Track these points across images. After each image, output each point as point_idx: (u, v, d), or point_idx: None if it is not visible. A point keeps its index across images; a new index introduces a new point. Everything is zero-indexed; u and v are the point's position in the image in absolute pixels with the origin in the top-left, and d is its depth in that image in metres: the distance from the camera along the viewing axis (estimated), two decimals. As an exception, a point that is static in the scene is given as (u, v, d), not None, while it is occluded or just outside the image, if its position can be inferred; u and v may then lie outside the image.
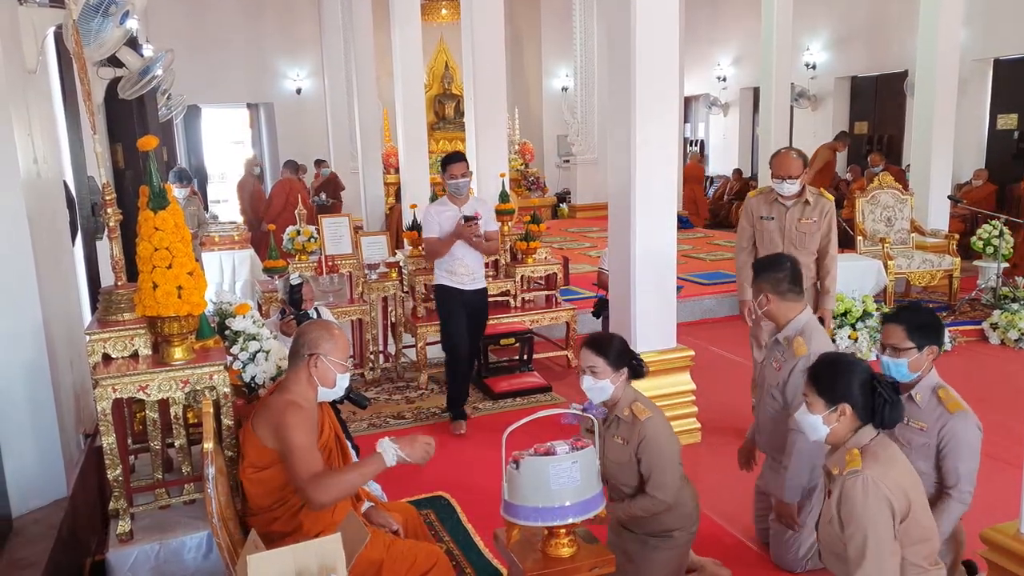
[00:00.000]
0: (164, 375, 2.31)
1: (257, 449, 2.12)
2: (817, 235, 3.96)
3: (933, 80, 7.17)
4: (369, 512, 2.34)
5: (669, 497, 2.50)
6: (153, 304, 2.22)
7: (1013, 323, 5.78)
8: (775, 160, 3.99)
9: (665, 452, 2.51)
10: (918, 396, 2.44)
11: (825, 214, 3.96)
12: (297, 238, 5.31)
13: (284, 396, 2.18)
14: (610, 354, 2.55)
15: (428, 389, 5.20)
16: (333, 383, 2.26)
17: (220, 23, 13.28)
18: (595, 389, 2.53)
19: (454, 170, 4.33)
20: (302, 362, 2.22)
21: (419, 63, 8.07)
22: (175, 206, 2.27)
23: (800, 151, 4.05)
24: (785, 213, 3.97)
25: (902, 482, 1.99)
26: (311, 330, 2.27)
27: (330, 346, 2.23)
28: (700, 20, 13.98)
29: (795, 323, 2.86)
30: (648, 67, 3.89)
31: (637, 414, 2.53)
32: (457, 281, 4.44)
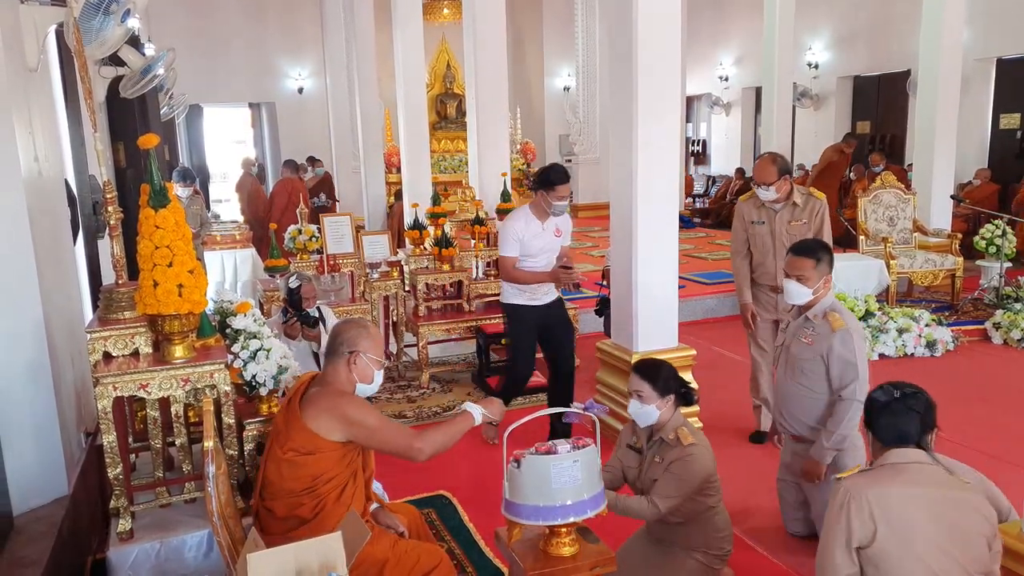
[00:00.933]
0: (165, 373, 2.31)
1: (307, 435, 2.16)
2: (809, 236, 3.86)
3: (936, 79, 7.15)
4: (376, 513, 2.35)
5: (665, 509, 2.51)
6: (154, 302, 2.22)
7: (1016, 323, 5.77)
8: (755, 166, 4.01)
9: (686, 478, 2.51)
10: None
11: (816, 213, 3.91)
12: (299, 237, 5.31)
13: (332, 388, 2.25)
14: (658, 380, 2.56)
15: (430, 388, 5.20)
16: (371, 379, 2.32)
17: (222, 23, 13.30)
18: (641, 414, 2.57)
19: (563, 191, 3.88)
20: (342, 360, 2.27)
21: (421, 63, 8.08)
22: (176, 204, 2.27)
23: (781, 157, 3.98)
24: (775, 217, 3.94)
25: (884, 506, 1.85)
26: (349, 328, 2.32)
27: (368, 343, 2.29)
28: (702, 20, 13.98)
29: (823, 302, 3.00)
30: (650, 65, 3.88)
31: (682, 439, 2.56)
32: (531, 299, 4.07)
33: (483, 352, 5.28)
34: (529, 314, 4.07)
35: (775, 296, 4.01)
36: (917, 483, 1.90)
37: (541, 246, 3.99)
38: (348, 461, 2.24)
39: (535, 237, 3.95)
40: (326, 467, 2.18)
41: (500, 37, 6.95)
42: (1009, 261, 6.62)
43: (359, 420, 2.17)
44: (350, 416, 2.17)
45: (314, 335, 4.07)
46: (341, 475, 2.20)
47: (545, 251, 4.01)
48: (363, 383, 2.30)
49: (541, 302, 4.09)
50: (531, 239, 3.94)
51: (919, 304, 6.46)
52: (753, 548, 3.14)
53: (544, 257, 4.02)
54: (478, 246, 5.72)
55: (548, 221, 3.98)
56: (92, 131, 2.43)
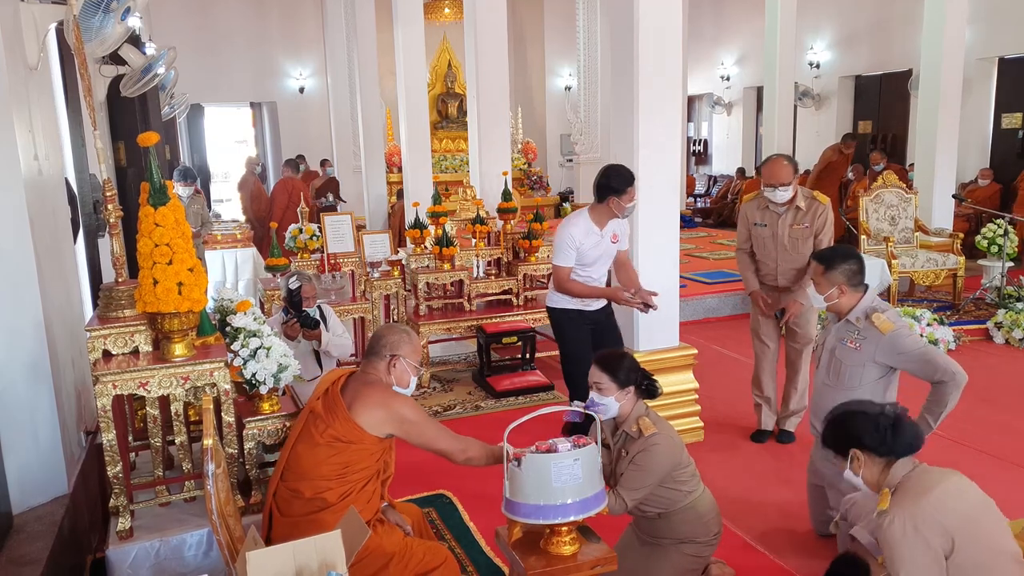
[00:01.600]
0: (164, 372, 2.30)
1: (351, 426, 2.24)
2: (811, 240, 3.88)
3: (937, 79, 7.14)
4: (385, 511, 2.40)
5: (630, 503, 2.48)
6: (153, 300, 2.21)
7: (1018, 322, 5.76)
8: (765, 168, 3.93)
9: (651, 468, 2.48)
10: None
11: (819, 215, 3.88)
12: (299, 236, 5.30)
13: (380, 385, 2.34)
14: (618, 372, 2.53)
15: (430, 388, 5.19)
16: (407, 384, 2.40)
17: (223, 22, 13.30)
18: (600, 406, 2.53)
19: (633, 193, 3.62)
20: (383, 361, 2.37)
21: (421, 62, 8.07)
22: (176, 202, 2.27)
23: (790, 157, 3.97)
24: (777, 220, 3.92)
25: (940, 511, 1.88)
26: (392, 333, 2.42)
27: (409, 349, 2.40)
28: (704, 19, 13.97)
29: (864, 302, 2.98)
30: (651, 64, 3.88)
31: (643, 429, 2.52)
32: (583, 303, 3.83)
33: (484, 351, 5.28)
34: (579, 319, 3.83)
35: (776, 295, 4.02)
36: (938, 480, 1.97)
37: (599, 254, 3.75)
38: (379, 456, 2.34)
39: (594, 246, 3.70)
40: (360, 458, 2.27)
41: (501, 36, 6.95)
42: (1011, 261, 6.61)
43: (413, 419, 2.30)
44: (404, 414, 2.29)
45: (315, 335, 4.04)
46: (370, 468, 2.30)
47: (603, 259, 3.79)
48: (400, 387, 2.39)
49: (591, 307, 3.85)
50: (590, 248, 3.69)
51: (920, 303, 6.45)
52: (754, 547, 3.13)
53: (601, 265, 3.79)
54: (479, 245, 5.72)
55: (607, 227, 3.72)
56: (92, 129, 2.42)
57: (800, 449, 4.01)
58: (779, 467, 3.86)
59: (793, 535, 3.22)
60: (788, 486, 3.64)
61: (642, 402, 2.61)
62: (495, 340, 5.31)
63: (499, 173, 6.56)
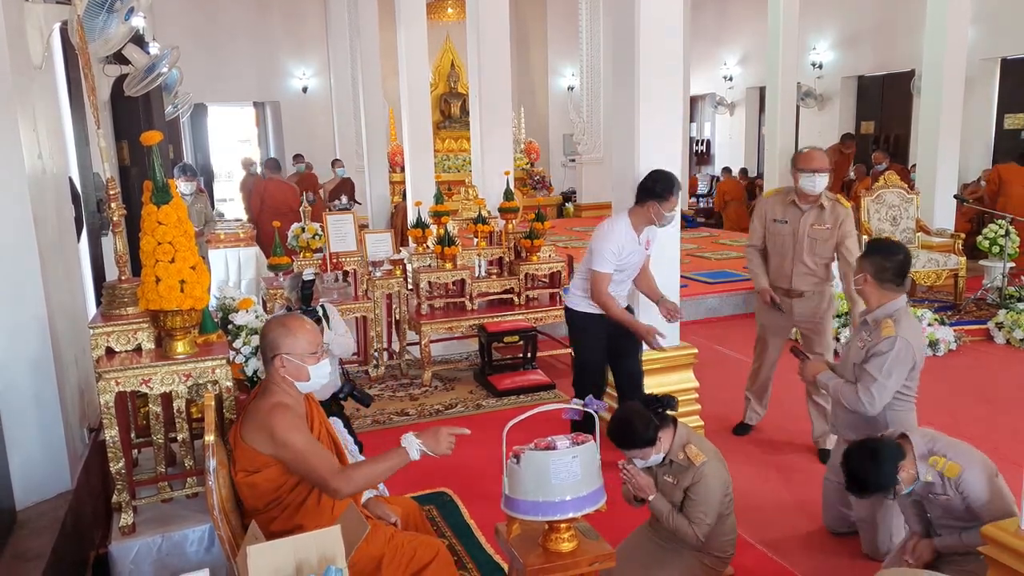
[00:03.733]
0: (167, 369, 2.32)
1: (247, 453, 2.08)
2: (830, 243, 3.75)
3: (940, 79, 7.13)
4: (368, 503, 2.34)
5: (702, 535, 2.53)
6: (156, 298, 2.23)
7: (1019, 323, 5.75)
8: (801, 157, 3.75)
9: (712, 497, 2.53)
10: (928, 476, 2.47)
11: (840, 222, 3.73)
12: (302, 235, 5.32)
13: (268, 399, 2.15)
14: (636, 442, 2.55)
15: (432, 387, 5.21)
16: (307, 377, 2.19)
17: (227, 21, 13.33)
18: (651, 462, 2.58)
19: (675, 201, 3.58)
20: (270, 365, 2.18)
21: (424, 62, 8.09)
22: (178, 200, 2.29)
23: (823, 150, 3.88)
24: (799, 217, 3.77)
25: None
26: (269, 331, 2.20)
27: (290, 342, 2.16)
28: (706, 19, 13.97)
29: (888, 307, 2.89)
30: (652, 63, 3.88)
31: (692, 458, 2.54)
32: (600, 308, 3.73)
33: (485, 350, 5.29)
34: (598, 326, 3.74)
35: (790, 301, 3.89)
36: None
37: (635, 262, 3.71)
38: None
39: (632, 253, 3.65)
40: (282, 479, 2.09)
41: (503, 35, 6.96)
42: (1012, 261, 6.61)
43: (285, 440, 2.04)
44: (277, 435, 2.05)
45: None
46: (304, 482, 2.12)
47: (635, 267, 3.75)
48: (299, 382, 2.19)
49: None
50: (628, 255, 3.64)
51: (922, 304, 6.45)
52: (753, 546, 3.14)
53: (631, 272, 3.74)
54: (481, 245, 5.73)
55: (643, 233, 3.66)
56: (96, 128, 2.44)
57: (804, 451, 4.02)
58: (780, 467, 3.87)
59: (798, 536, 3.23)
60: (790, 486, 3.64)
61: (681, 426, 2.63)
62: (496, 339, 5.33)
63: (501, 172, 6.57)
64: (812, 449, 3.99)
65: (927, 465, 2.44)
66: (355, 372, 5.37)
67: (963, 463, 2.42)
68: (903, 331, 2.81)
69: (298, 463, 2.05)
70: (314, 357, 2.20)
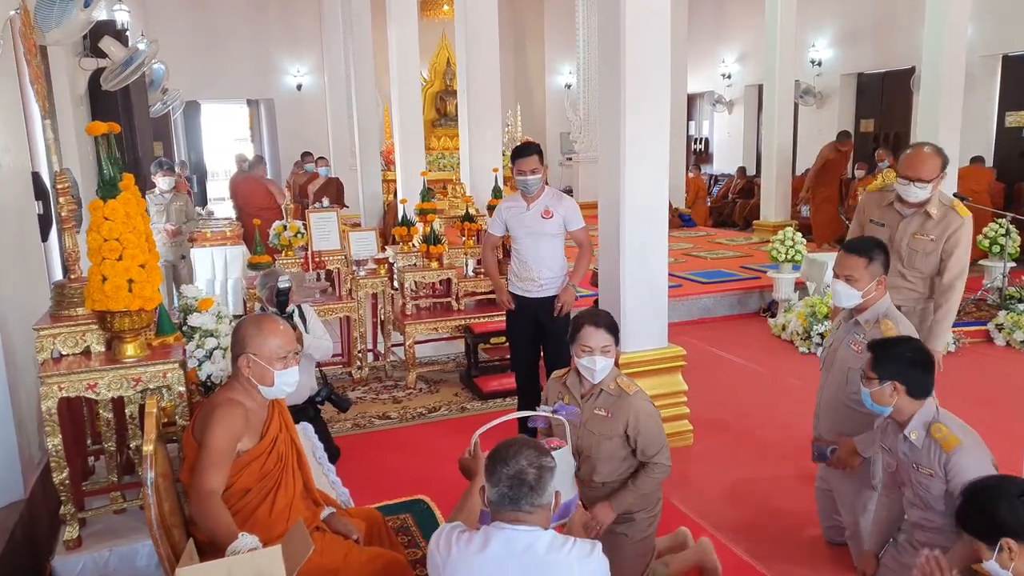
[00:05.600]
0: (114, 373, 2.20)
1: (194, 450, 1.98)
2: (933, 256, 3.18)
3: (940, 76, 7.00)
4: (330, 519, 2.20)
5: (668, 464, 2.52)
6: (102, 298, 2.11)
7: (1019, 324, 5.63)
8: (906, 156, 3.19)
9: (657, 420, 2.54)
10: (913, 436, 2.30)
11: (950, 234, 3.14)
12: (283, 233, 5.20)
13: (224, 393, 2.06)
14: (617, 332, 2.53)
15: (416, 389, 5.08)
16: (271, 381, 2.08)
17: (221, 18, 13.23)
18: (604, 369, 2.49)
19: (523, 165, 3.74)
20: (235, 364, 2.08)
21: (415, 58, 7.96)
22: (128, 195, 2.16)
23: (940, 149, 3.19)
24: (899, 222, 3.22)
25: None
26: (240, 328, 2.10)
27: (258, 343, 2.06)
28: (705, 17, 13.83)
29: (877, 307, 2.75)
30: (638, 59, 3.76)
31: (625, 388, 2.52)
32: (522, 287, 3.88)
33: (471, 352, 5.17)
34: (518, 304, 3.91)
35: None
36: None
37: (525, 229, 3.84)
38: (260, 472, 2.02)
39: (515, 219, 3.85)
40: (231, 480, 1.96)
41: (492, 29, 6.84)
42: (1013, 261, 6.47)
43: (207, 430, 1.93)
44: (208, 421, 1.95)
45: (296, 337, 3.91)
46: (259, 486, 2.00)
47: (531, 235, 3.84)
48: (263, 386, 2.08)
49: (532, 294, 3.87)
50: (514, 222, 3.86)
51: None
52: (732, 551, 3.01)
53: (530, 241, 3.85)
54: (468, 243, 5.61)
55: (534, 204, 3.83)
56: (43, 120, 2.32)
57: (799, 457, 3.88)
58: (775, 474, 3.74)
59: (793, 547, 3.10)
60: (785, 494, 3.50)
61: None
62: (483, 340, 5.21)
63: (490, 169, 6.44)
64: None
65: (923, 427, 2.27)
66: (338, 374, 5.25)
67: (966, 442, 2.23)
68: (904, 329, 2.70)
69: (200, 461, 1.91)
70: (282, 362, 2.09)
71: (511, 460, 1.70)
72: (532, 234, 3.84)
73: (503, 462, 1.71)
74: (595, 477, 2.55)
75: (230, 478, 1.96)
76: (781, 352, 5.73)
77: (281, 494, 2.05)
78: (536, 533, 1.70)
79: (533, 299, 3.88)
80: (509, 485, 1.69)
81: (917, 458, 2.28)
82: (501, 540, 1.68)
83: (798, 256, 6.31)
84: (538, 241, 3.84)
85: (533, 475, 1.69)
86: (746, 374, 5.30)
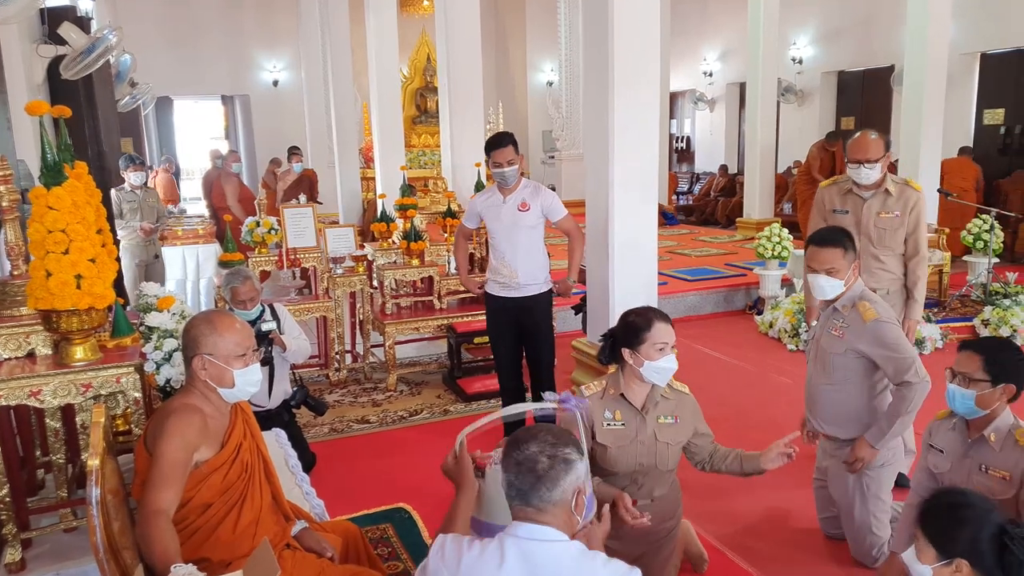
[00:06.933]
0: (61, 378, 2.00)
1: (146, 463, 1.78)
2: (901, 231, 3.31)
3: (922, 74, 6.99)
4: (301, 535, 2.02)
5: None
6: (46, 295, 1.91)
7: (1005, 319, 5.58)
8: (852, 143, 3.33)
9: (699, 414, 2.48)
10: (992, 437, 2.26)
11: (911, 208, 3.30)
12: (256, 230, 4.99)
13: (180, 399, 1.87)
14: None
15: (397, 391, 4.90)
16: (231, 382, 1.89)
17: (195, 12, 12.91)
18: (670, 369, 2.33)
19: (498, 157, 3.59)
20: (189, 366, 1.90)
21: (395, 51, 7.78)
22: (75, 182, 1.96)
23: (881, 132, 3.35)
24: (862, 206, 3.34)
25: None
26: (192, 327, 1.91)
27: (212, 341, 1.88)
28: (687, 15, 13.76)
29: (852, 291, 2.74)
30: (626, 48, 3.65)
31: (680, 389, 2.43)
32: (500, 286, 3.73)
33: (455, 352, 5.00)
34: (498, 305, 3.75)
35: None
36: None
37: (502, 223, 3.68)
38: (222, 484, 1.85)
39: (490, 212, 3.72)
40: (189, 493, 1.79)
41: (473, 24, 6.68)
42: (996, 257, 6.45)
43: (158, 439, 1.75)
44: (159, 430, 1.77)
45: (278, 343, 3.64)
46: (222, 500, 1.82)
47: (508, 228, 3.67)
48: (222, 388, 1.90)
49: (511, 294, 3.71)
50: (489, 215, 3.73)
51: (907, 301, 6.26)
52: (728, 556, 2.88)
53: (507, 235, 3.69)
54: (450, 239, 5.43)
55: (511, 196, 3.67)
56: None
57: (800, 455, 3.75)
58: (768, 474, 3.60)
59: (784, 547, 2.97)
60: (777, 492, 3.37)
61: None
62: (466, 340, 5.05)
63: (472, 165, 6.28)
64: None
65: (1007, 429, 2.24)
66: (314, 376, 5.05)
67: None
68: (882, 309, 2.70)
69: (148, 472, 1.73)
70: (241, 360, 1.90)
71: (523, 444, 1.53)
72: (509, 228, 3.67)
73: (515, 446, 1.54)
74: (657, 493, 2.39)
75: (188, 492, 1.77)
76: (769, 349, 5.63)
77: (247, 508, 1.86)
78: (561, 546, 1.49)
79: (512, 301, 3.72)
80: (516, 473, 1.51)
81: (989, 460, 2.24)
82: (518, 555, 1.47)
83: (785, 253, 6.23)
84: (515, 235, 3.67)
85: (544, 464, 1.50)
86: (735, 372, 5.19)
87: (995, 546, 1.65)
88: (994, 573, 1.66)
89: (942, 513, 1.75)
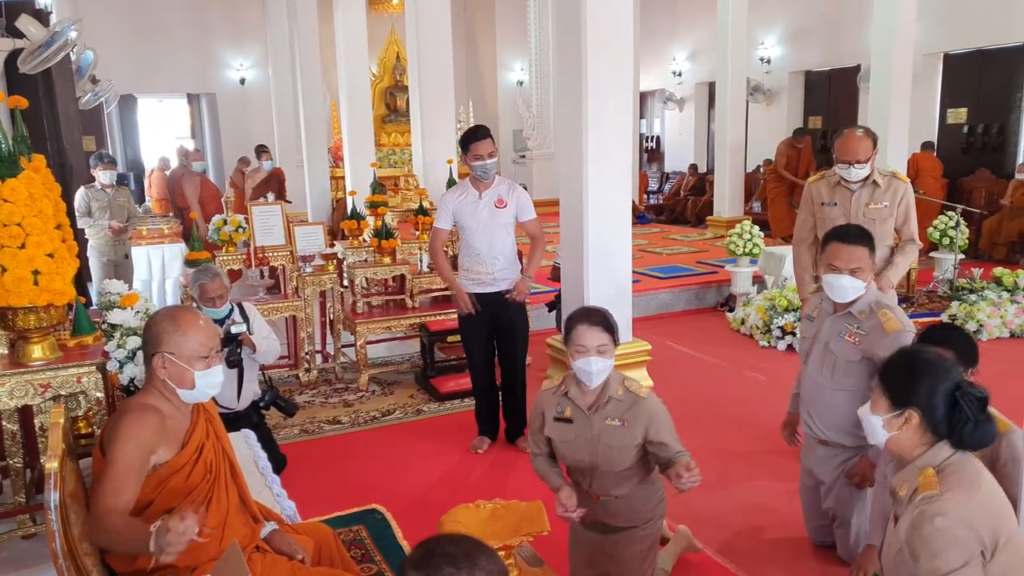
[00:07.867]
0: (18, 378, 1.92)
1: (101, 464, 1.71)
2: (890, 222, 3.36)
3: (888, 74, 7.10)
4: (272, 537, 1.96)
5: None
6: (1, 292, 1.83)
7: (972, 314, 5.69)
8: (840, 142, 3.37)
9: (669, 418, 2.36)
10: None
11: (900, 199, 3.35)
12: (224, 228, 4.88)
13: (138, 399, 1.80)
14: (615, 329, 2.31)
15: (369, 391, 4.83)
16: (191, 384, 1.82)
17: (160, 8, 12.64)
18: (602, 371, 2.26)
19: (479, 149, 3.49)
20: (149, 364, 1.82)
21: (364, 48, 7.70)
22: (31, 174, 1.88)
23: (868, 129, 3.38)
24: (851, 198, 3.37)
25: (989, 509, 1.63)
26: (155, 323, 1.83)
27: (175, 340, 1.81)
28: (656, 15, 13.86)
29: (868, 295, 2.62)
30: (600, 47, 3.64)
31: (635, 391, 2.32)
32: (473, 283, 3.65)
33: (427, 351, 4.94)
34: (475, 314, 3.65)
35: None
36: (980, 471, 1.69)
37: (478, 222, 3.60)
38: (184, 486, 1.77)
39: (465, 210, 3.61)
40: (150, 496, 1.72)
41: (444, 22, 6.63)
42: (962, 253, 6.58)
43: (113, 441, 1.68)
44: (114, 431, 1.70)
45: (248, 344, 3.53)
46: (186, 503, 1.74)
47: (485, 226, 3.61)
48: (182, 388, 1.82)
49: (486, 289, 3.63)
50: (464, 212, 3.61)
51: (875, 297, 6.37)
52: (712, 557, 2.88)
53: (483, 233, 3.61)
54: (422, 237, 5.38)
55: (487, 192, 3.60)
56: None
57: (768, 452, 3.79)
58: (744, 471, 3.62)
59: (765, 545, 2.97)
60: (758, 492, 3.38)
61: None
62: (439, 338, 4.99)
63: (444, 162, 6.23)
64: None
65: None
66: (284, 377, 4.95)
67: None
68: (901, 317, 2.60)
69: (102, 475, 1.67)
70: (203, 361, 1.83)
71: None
72: (486, 225, 3.61)
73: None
74: (614, 491, 2.35)
75: (148, 494, 1.70)
76: (741, 346, 5.67)
77: (212, 510, 1.79)
78: None
79: (486, 297, 3.66)
80: None
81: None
82: None
83: (756, 250, 6.28)
84: (492, 233, 3.62)
85: None
86: (708, 369, 5.22)
87: (948, 400, 1.69)
88: (940, 428, 1.70)
89: (905, 363, 1.78)
